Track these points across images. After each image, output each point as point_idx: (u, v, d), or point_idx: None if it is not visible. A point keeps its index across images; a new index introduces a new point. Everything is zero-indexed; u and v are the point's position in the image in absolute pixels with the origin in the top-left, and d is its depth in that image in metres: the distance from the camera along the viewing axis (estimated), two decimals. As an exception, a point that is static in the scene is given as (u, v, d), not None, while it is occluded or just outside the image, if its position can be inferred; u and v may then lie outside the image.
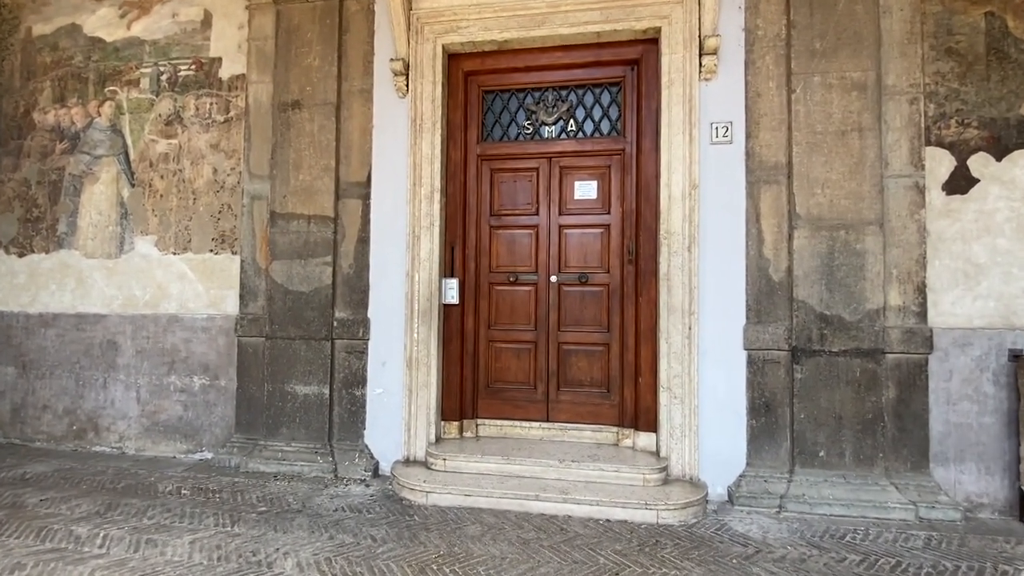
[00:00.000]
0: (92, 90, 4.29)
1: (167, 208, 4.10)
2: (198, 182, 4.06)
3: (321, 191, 3.75)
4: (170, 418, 4.02)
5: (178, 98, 4.12)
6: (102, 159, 4.24)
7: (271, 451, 3.68)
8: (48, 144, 4.35)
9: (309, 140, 3.77)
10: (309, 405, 3.70)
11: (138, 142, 4.18)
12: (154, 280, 4.10)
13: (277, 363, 3.75)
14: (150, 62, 4.19)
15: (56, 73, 4.37)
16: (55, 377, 4.23)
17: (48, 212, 4.31)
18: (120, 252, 4.16)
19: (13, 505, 3.03)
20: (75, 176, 4.28)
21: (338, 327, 3.73)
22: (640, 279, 3.49)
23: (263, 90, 3.94)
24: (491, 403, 3.75)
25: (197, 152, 4.08)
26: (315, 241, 3.74)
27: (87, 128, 4.28)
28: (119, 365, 4.12)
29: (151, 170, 4.14)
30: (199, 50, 4.11)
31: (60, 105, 4.34)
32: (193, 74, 4.11)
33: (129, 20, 4.24)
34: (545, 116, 3.79)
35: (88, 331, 4.18)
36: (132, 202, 4.17)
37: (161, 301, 4.08)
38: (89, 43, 4.32)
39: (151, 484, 3.42)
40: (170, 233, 4.09)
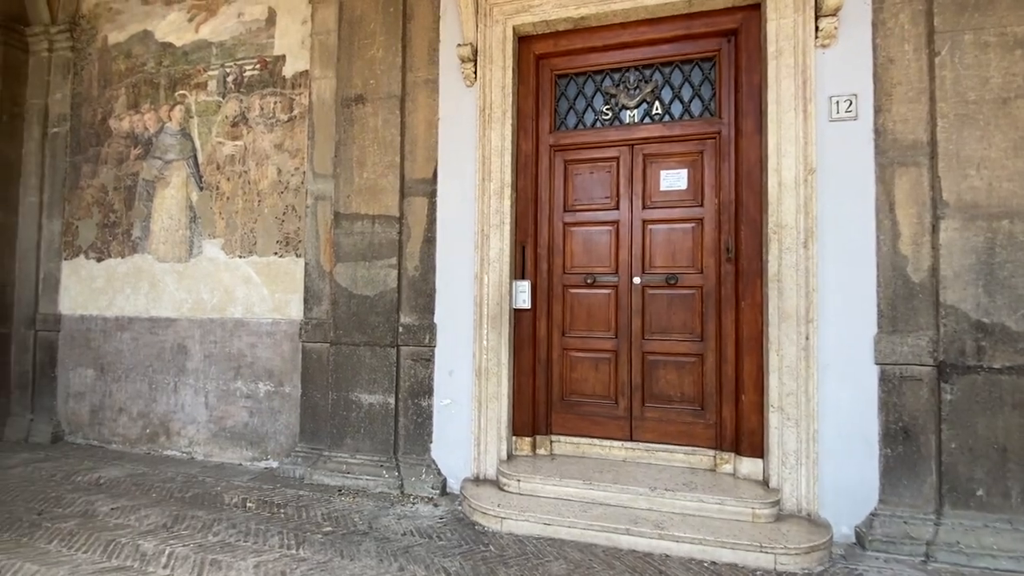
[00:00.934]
0: (163, 95, 4.32)
1: (233, 211, 4.04)
2: (263, 183, 3.97)
3: (385, 189, 3.54)
4: (236, 424, 3.95)
5: (243, 99, 4.06)
6: (173, 163, 4.25)
7: (335, 463, 3.51)
8: (123, 150, 4.42)
9: (373, 136, 3.58)
10: (374, 415, 3.50)
11: (206, 145, 4.15)
12: (221, 284, 4.05)
13: (341, 370, 3.57)
14: (217, 64, 4.15)
15: (130, 80, 4.43)
16: (130, 380, 4.28)
17: (124, 217, 4.38)
18: (189, 256, 4.15)
19: (85, 514, 3.00)
20: (148, 181, 4.32)
21: (403, 333, 3.51)
22: (741, 280, 3.03)
23: (326, 86, 3.79)
24: (566, 418, 3.41)
25: (262, 153, 3.99)
26: (379, 242, 3.54)
27: (159, 133, 4.31)
28: (189, 369, 4.10)
29: (218, 173, 4.10)
30: (263, 49, 4.03)
31: (134, 111, 4.40)
32: (258, 73, 4.03)
33: (197, 23, 4.23)
34: (626, 99, 3.40)
35: (160, 335, 4.20)
36: (200, 205, 4.15)
37: (228, 305, 4.02)
38: (160, 48, 4.35)
39: (217, 494, 3.32)
40: (236, 236, 4.02)
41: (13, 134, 4.64)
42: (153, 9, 4.39)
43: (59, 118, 4.65)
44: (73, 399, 4.45)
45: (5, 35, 4.55)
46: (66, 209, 4.57)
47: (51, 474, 3.65)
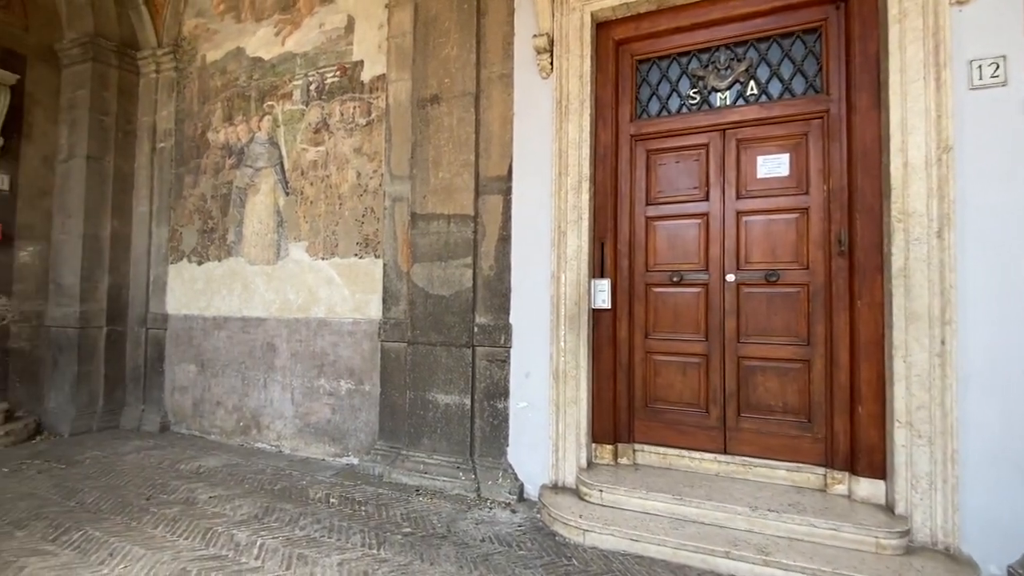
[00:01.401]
0: (254, 107, 4.57)
1: (316, 214, 4.18)
2: (343, 187, 4.08)
3: (460, 188, 3.50)
4: (320, 420, 4.08)
5: (325, 105, 4.20)
6: (262, 171, 4.48)
7: (413, 462, 3.51)
8: (220, 160, 4.73)
9: (448, 135, 3.55)
10: (450, 416, 3.47)
11: (291, 152, 4.34)
12: (305, 285, 4.21)
13: (418, 370, 3.57)
14: (301, 74, 4.33)
15: (225, 94, 4.74)
16: (226, 376, 4.56)
17: (220, 223, 4.68)
18: (277, 258, 4.35)
19: (187, 501, 3.18)
20: (241, 188, 4.59)
21: (479, 333, 3.45)
22: (857, 276, 2.68)
23: (402, 88, 3.82)
24: (650, 426, 3.19)
25: (342, 157, 4.10)
26: (455, 242, 3.51)
27: (250, 143, 4.56)
28: (277, 367, 4.30)
29: (302, 178, 4.27)
30: (343, 56, 4.14)
31: (228, 123, 4.69)
32: (338, 80, 4.15)
33: (283, 36, 4.44)
34: (716, 80, 3.13)
35: (251, 333, 4.44)
36: (287, 210, 4.34)
37: (311, 305, 4.17)
38: (251, 63, 4.61)
39: (303, 489, 3.42)
40: (319, 238, 4.16)
41: (127, 150, 5.11)
42: (245, 27, 4.66)
43: (165, 133, 5.06)
44: (178, 392, 4.82)
45: (119, 60, 5.03)
46: (172, 217, 4.97)
47: (159, 462, 3.95)
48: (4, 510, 2.99)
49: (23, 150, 4.78)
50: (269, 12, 4.54)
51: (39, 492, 3.29)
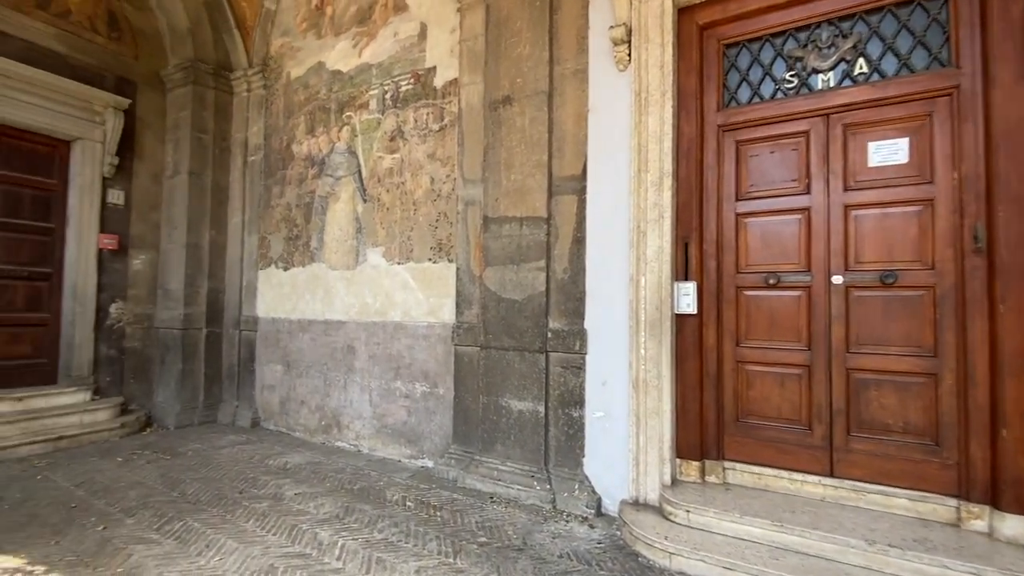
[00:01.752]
0: (333, 118, 4.75)
1: (392, 220, 4.27)
2: (417, 193, 4.13)
3: (533, 190, 3.42)
4: (396, 422, 4.14)
5: (399, 113, 4.27)
6: (341, 179, 4.65)
7: (486, 468, 3.46)
8: (303, 171, 4.97)
9: (520, 136, 3.48)
10: (524, 422, 3.38)
11: (368, 160, 4.46)
12: (382, 289, 4.30)
13: (491, 374, 3.53)
14: (377, 84, 4.44)
15: (308, 108, 4.97)
16: (309, 376, 4.77)
17: (304, 230, 4.91)
18: (356, 263, 4.49)
19: (275, 496, 3.33)
20: (322, 197, 4.79)
21: (552, 339, 3.34)
22: (999, 278, 2.29)
23: (474, 91, 3.80)
24: (743, 442, 2.92)
25: (416, 163, 4.15)
26: (527, 244, 3.43)
27: (330, 153, 4.75)
28: (356, 368, 4.43)
29: (379, 185, 4.37)
30: (416, 63, 4.20)
31: (311, 135, 4.92)
32: (411, 87, 4.21)
33: (360, 48, 4.58)
34: (817, 61, 2.82)
35: (332, 336, 4.61)
36: (365, 216, 4.46)
37: (388, 309, 4.25)
38: (331, 76, 4.80)
39: (380, 490, 3.47)
40: (395, 244, 4.24)
41: (223, 164, 5.50)
42: (325, 42, 4.87)
43: (255, 148, 5.40)
44: (267, 390, 5.11)
45: (216, 81, 5.43)
46: (261, 226, 5.29)
47: (250, 456, 4.18)
48: (117, 498, 3.27)
49: (135, 168, 5.28)
50: (347, 26, 4.71)
51: (147, 482, 3.58)
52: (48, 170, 4.79)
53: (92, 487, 3.45)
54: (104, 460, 4.04)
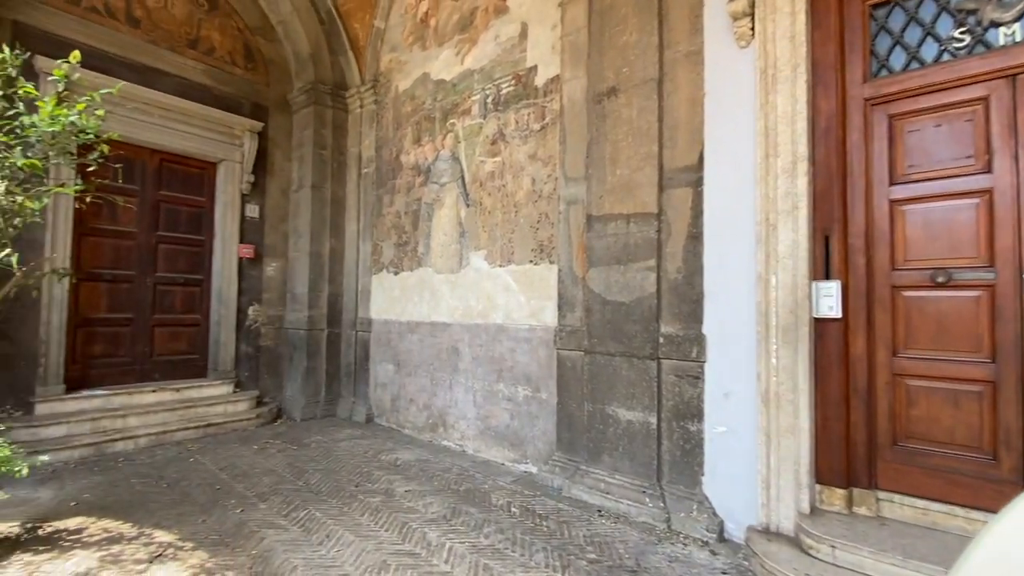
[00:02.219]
0: (438, 126, 4.89)
1: (494, 223, 4.27)
2: (518, 195, 4.09)
3: (641, 184, 3.21)
4: (499, 425, 4.13)
5: (500, 116, 4.27)
6: (446, 186, 4.76)
7: (593, 479, 3.30)
8: (411, 180, 5.17)
9: (627, 129, 3.29)
10: (633, 433, 3.17)
11: (471, 165, 4.52)
12: (485, 292, 4.32)
13: (596, 381, 3.36)
14: (478, 89, 4.49)
15: (415, 118, 5.17)
16: (417, 375, 4.93)
17: (412, 237, 5.11)
18: (460, 267, 4.57)
19: (386, 492, 3.44)
20: (428, 204, 4.95)
21: (664, 344, 3.09)
22: None
23: (576, 86, 3.68)
24: (902, 470, 2.47)
25: (517, 165, 4.12)
26: (635, 243, 3.22)
27: (435, 160, 4.89)
28: (460, 369, 4.49)
29: (481, 189, 4.41)
30: (517, 64, 4.17)
31: (417, 145, 5.11)
32: (512, 89, 4.19)
33: (463, 55, 4.66)
34: (996, 12, 2.31)
35: (438, 337, 4.73)
36: (468, 221, 4.52)
37: (490, 312, 4.26)
38: (435, 86, 4.95)
39: (486, 493, 3.46)
40: (496, 246, 4.24)
41: (340, 178, 5.92)
42: (430, 53, 5.03)
43: (368, 160, 5.74)
44: (379, 388, 5.39)
45: (333, 100, 5.86)
46: (374, 233, 5.60)
47: (364, 451, 4.41)
48: (252, 483, 3.59)
49: (267, 184, 5.86)
50: (450, 35, 4.82)
51: (277, 470, 3.90)
52: (199, 189, 5.48)
53: (233, 471, 3.84)
54: (243, 447, 4.49)
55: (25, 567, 2.42)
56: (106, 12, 4.73)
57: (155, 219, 5.14)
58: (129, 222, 4.98)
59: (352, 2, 5.68)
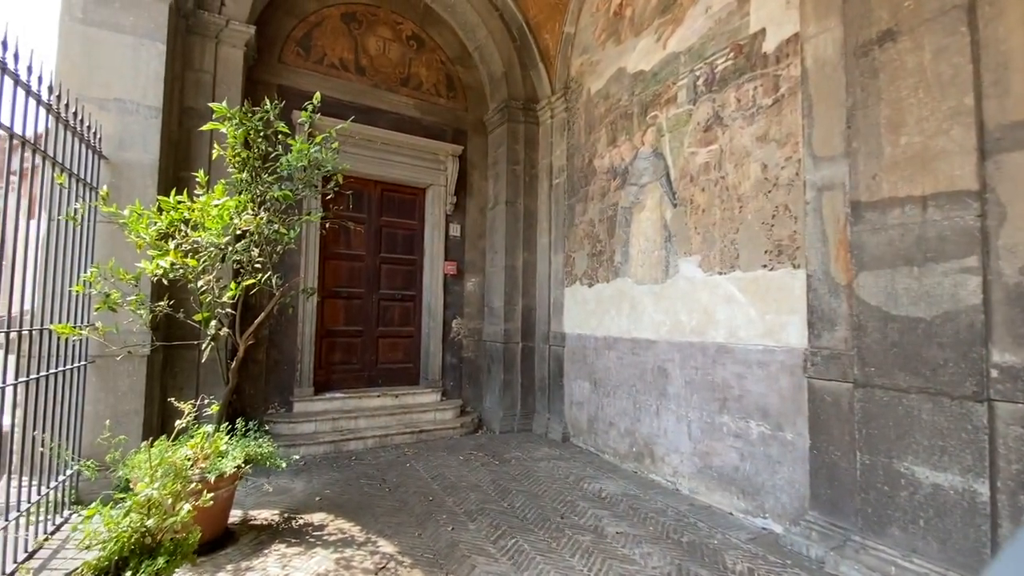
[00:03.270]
0: (636, 123, 4.46)
1: (709, 223, 3.65)
2: (743, 186, 3.41)
3: (946, 152, 2.29)
4: (724, 465, 3.44)
5: (716, 97, 3.65)
6: (646, 187, 4.29)
7: (875, 558, 2.43)
8: (604, 184, 4.83)
9: (915, 80, 2.41)
10: (943, 504, 2.24)
11: (678, 159, 3.97)
12: (699, 304, 3.70)
13: (876, 424, 2.50)
14: (685, 72, 3.93)
15: (609, 119, 4.82)
16: (617, 397, 4.51)
17: (607, 245, 4.75)
18: (665, 276, 4.03)
19: (596, 531, 3.07)
20: (625, 208, 4.53)
21: (1000, 379, 2.12)
22: None
23: (826, 41, 2.89)
24: None
25: (740, 151, 3.44)
26: (937, 235, 2.31)
27: (633, 160, 4.46)
28: (669, 394, 3.93)
29: (691, 185, 3.82)
30: (736, 33, 3.51)
31: (612, 146, 4.75)
32: (731, 63, 3.54)
33: (664, 39, 4.17)
34: None
35: (641, 356, 4.24)
36: (674, 223, 3.97)
37: (707, 328, 3.62)
38: (631, 80, 4.54)
39: (715, 550, 2.84)
40: (714, 251, 3.60)
41: (531, 191, 5.89)
42: (625, 47, 4.65)
43: (559, 170, 5.58)
44: (575, 406, 5.11)
45: (524, 115, 5.87)
46: (565, 244, 5.40)
47: (565, 475, 4.13)
48: (460, 498, 3.57)
49: (467, 204, 6.13)
50: (648, 21, 4.37)
51: (482, 485, 3.84)
52: (412, 213, 5.98)
53: (443, 482, 3.90)
54: (450, 456, 4.62)
55: (280, 559, 2.66)
56: (341, 66, 5.47)
57: (378, 242, 5.74)
58: (359, 246, 5.64)
59: (542, 13, 5.64)
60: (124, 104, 3.59)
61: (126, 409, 3.51)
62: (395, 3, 5.81)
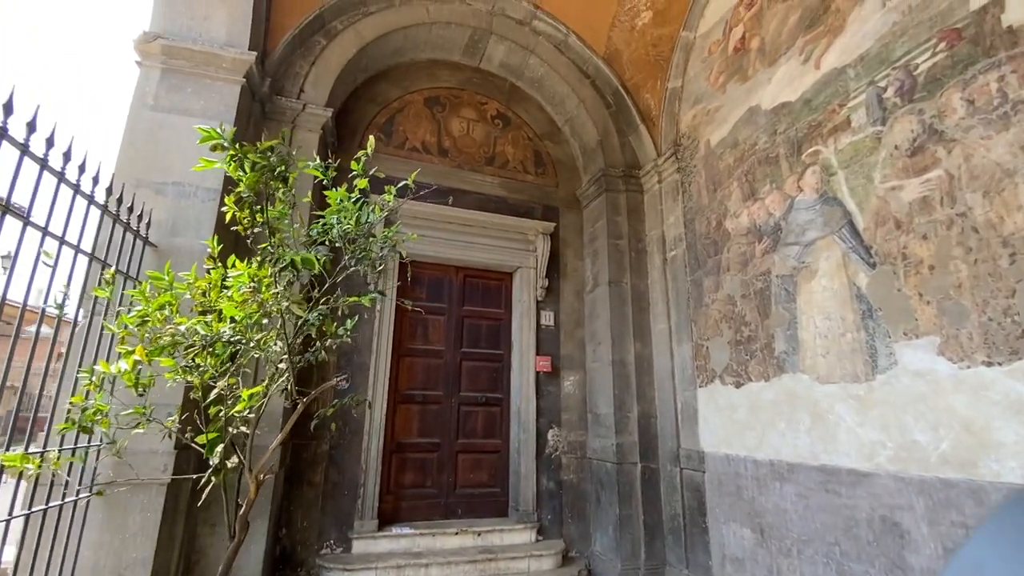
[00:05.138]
0: (785, 166, 3.39)
1: (948, 286, 2.34)
2: (1010, 222, 2.14)
3: None
4: None
5: (922, 107, 2.53)
6: (815, 244, 3.09)
7: None
8: (746, 249, 3.69)
9: None
10: None
11: (867, 201, 2.79)
12: (951, 416, 2.29)
13: None
14: (859, 87, 2.89)
15: (741, 169, 3.81)
16: (805, 558, 2.96)
17: (760, 329, 3.48)
18: (873, 371, 2.67)
19: None
20: (783, 277, 3.32)
21: None
22: None
23: None
24: None
25: (990, 171, 2.22)
26: None
27: (787, 213, 3.33)
28: (912, 567, 2.38)
29: (899, 233, 2.59)
30: (944, 17, 2.46)
31: (751, 200, 3.67)
32: (943, 57, 2.45)
33: (817, 57, 3.21)
34: None
35: (843, 495, 2.76)
36: (875, 290, 2.69)
37: (978, 456, 2.17)
38: (770, 117, 3.56)
39: None
40: (965, 328, 2.26)
41: (640, 268, 4.87)
42: (755, 82, 3.75)
43: (675, 240, 4.55)
44: (730, 564, 3.54)
45: (625, 184, 5.04)
46: (693, 331, 4.19)
47: None
48: None
49: (561, 287, 5.21)
50: (786, 44, 3.47)
51: None
52: (497, 300, 5.15)
53: None
54: (552, 637, 3.22)
55: None
56: (423, 149, 5.10)
57: (459, 335, 4.91)
58: (438, 340, 4.83)
59: (641, 72, 5.00)
60: (182, 188, 3.23)
61: (132, 558, 2.69)
62: (480, 85, 5.52)
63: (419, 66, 5.29)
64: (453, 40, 5.15)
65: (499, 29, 5.06)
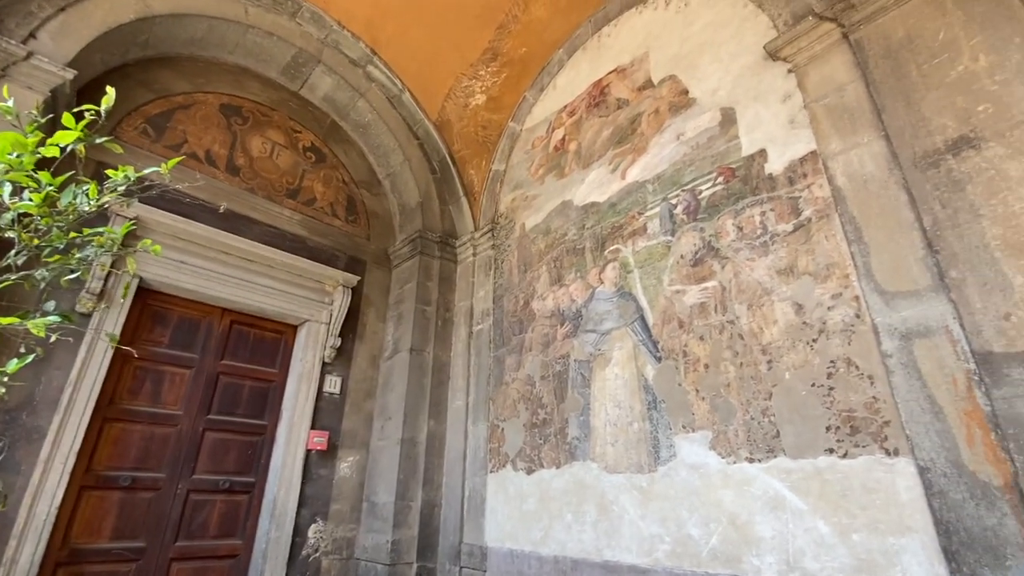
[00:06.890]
0: (590, 258, 3.60)
1: (720, 384, 2.58)
2: (768, 332, 2.47)
3: None
4: None
5: (704, 226, 2.92)
6: (611, 333, 3.24)
7: None
8: (548, 331, 3.72)
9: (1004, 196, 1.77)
10: None
11: (656, 300, 3.04)
12: (720, 510, 2.41)
13: None
14: (655, 200, 3.26)
15: (551, 255, 3.95)
16: (579, 670, 2.74)
17: (555, 412, 3.44)
18: (656, 462, 2.75)
19: None
20: (581, 362, 3.38)
21: None
22: None
23: (862, 156, 2.32)
24: None
25: (753, 288, 2.59)
26: None
27: (588, 301, 3.48)
28: (681, 674, 2.32)
29: (682, 332, 2.84)
30: (723, 157, 2.96)
31: (557, 285, 3.78)
32: (722, 188, 2.90)
33: (623, 169, 3.59)
34: None
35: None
36: (660, 383, 2.86)
37: (742, 551, 2.28)
38: (580, 212, 3.82)
39: None
40: (733, 425, 2.47)
41: (445, 339, 4.60)
42: (570, 179, 4.04)
43: (483, 314, 4.44)
44: None
45: (441, 250, 4.87)
46: (491, 410, 3.98)
47: None
48: None
49: (355, 350, 4.58)
50: (600, 152, 3.85)
51: None
52: (271, 358, 4.24)
53: None
54: None
55: None
56: (206, 160, 4.17)
57: (209, 396, 3.81)
58: (174, 401, 3.65)
59: (468, 148, 5.07)
60: None
61: None
62: (296, 111, 4.91)
63: (223, 68, 4.48)
64: (272, 54, 4.53)
65: (329, 61, 4.65)
